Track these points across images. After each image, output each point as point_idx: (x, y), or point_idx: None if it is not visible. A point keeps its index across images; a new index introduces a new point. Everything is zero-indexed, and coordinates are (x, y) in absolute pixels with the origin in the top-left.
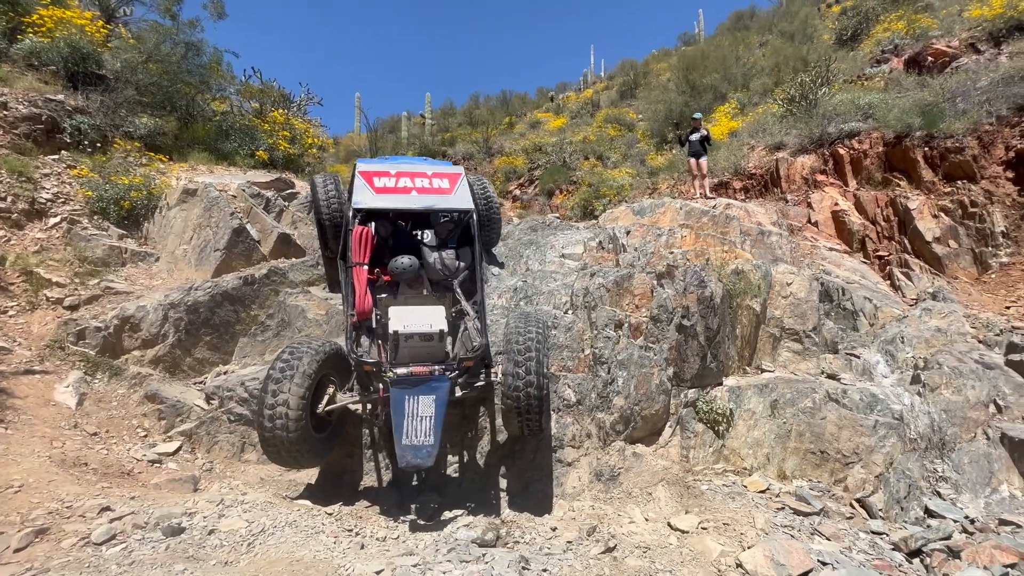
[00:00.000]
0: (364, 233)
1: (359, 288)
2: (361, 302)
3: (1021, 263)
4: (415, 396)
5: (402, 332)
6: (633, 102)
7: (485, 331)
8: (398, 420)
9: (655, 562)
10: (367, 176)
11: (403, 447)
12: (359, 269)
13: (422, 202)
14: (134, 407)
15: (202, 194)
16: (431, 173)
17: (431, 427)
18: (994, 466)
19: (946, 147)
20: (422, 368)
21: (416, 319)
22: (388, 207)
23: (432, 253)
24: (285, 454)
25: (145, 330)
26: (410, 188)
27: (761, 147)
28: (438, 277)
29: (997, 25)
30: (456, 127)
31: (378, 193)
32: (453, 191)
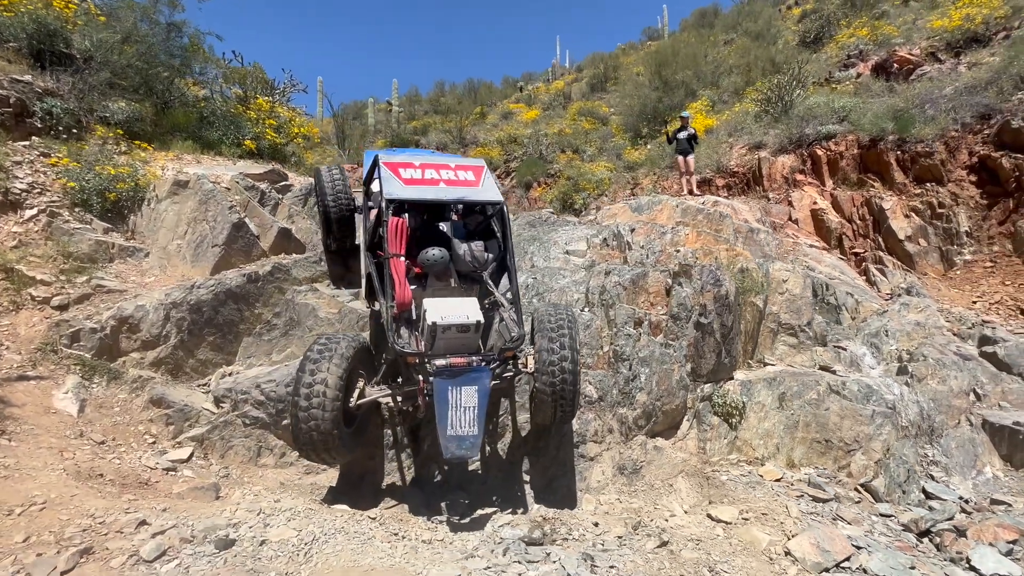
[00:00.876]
0: (400, 224)
1: (398, 279)
2: (401, 293)
3: (983, 261)
4: (458, 387)
5: (440, 324)
6: (604, 95)
7: (522, 322)
8: (442, 411)
9: (710, 553)
10: (392, 167)
11: (448, 438)
12: (397, 261)
13: (452, 194)
14: (139, 412)
15: (195, 186)
16: (454, 165)
17: (475, 418)
18: (978, 450)
19: (917, 151)
20: (460, 359)
21: (453, 310)
22: (420, 198)
23: (462, 245)
24: (318, 442)
25: (145, 331)
26: (438, 180)
27: (740, 146)
28: (467, 269)
29: (955, 36)
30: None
31: (407, 184)
32: (480, 183)
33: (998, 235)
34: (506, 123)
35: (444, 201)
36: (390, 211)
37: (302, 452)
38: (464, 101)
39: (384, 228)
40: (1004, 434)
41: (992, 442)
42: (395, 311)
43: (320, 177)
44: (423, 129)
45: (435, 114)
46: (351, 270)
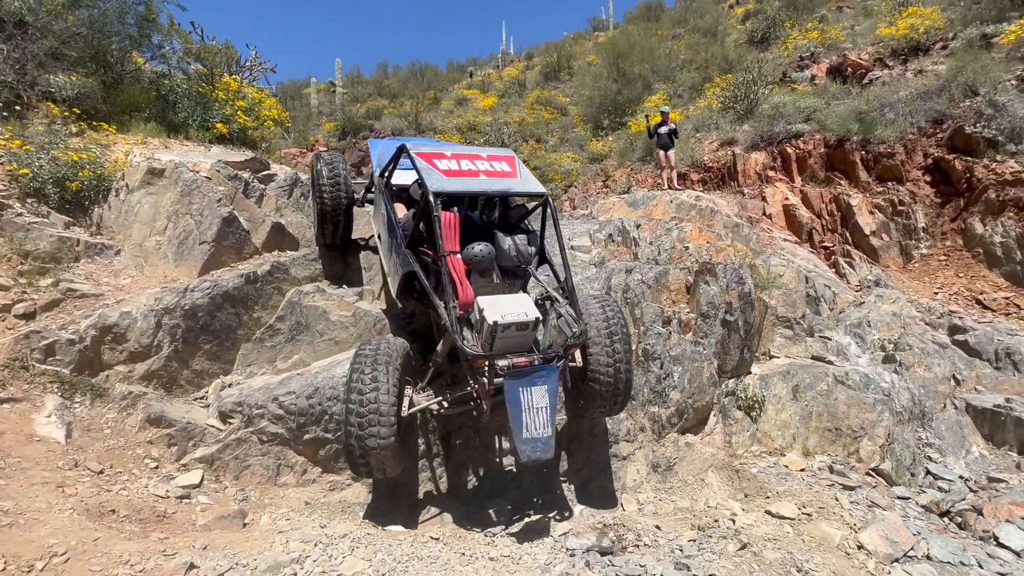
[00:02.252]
0: (453, 220)
1: (458, 278)
2: (464, 293)
3: (937, 255)
4: (528, 387)
5: (501, 323)
6: (559, 84)
7: (580, 316)
8: (516, 413)
9: (792, 552)
10: (426, 158)
11: (523, 441)
12: (455, 258)
13: (495, 185)
14: (134, 434)
15: (172, 175)
16: (486, 156)
17: (548, 418)
18: (964, 431)
19: (879, 151)
20: (522, 359)
21: (511, 308)
22: (465, 190)
23: (506, 239)
24: (380, 457)
25: (133, 341)
26: (477, 171)
27: (710, 141)
28: (511, 264)
29: (901, 44)
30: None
31: (448, 176)
32: (518, 174)
33: (950, 231)
34: (462, 109)
35: (490, 193)
36: (439, 205)
37: (358, 468)
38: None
39: (436, 224)
40: (986, 416)
41: (975, 424)
42: (459, 312)
43: (318, 166)
44: (375, 113)
45: (380, 97)
46: (351, 267)
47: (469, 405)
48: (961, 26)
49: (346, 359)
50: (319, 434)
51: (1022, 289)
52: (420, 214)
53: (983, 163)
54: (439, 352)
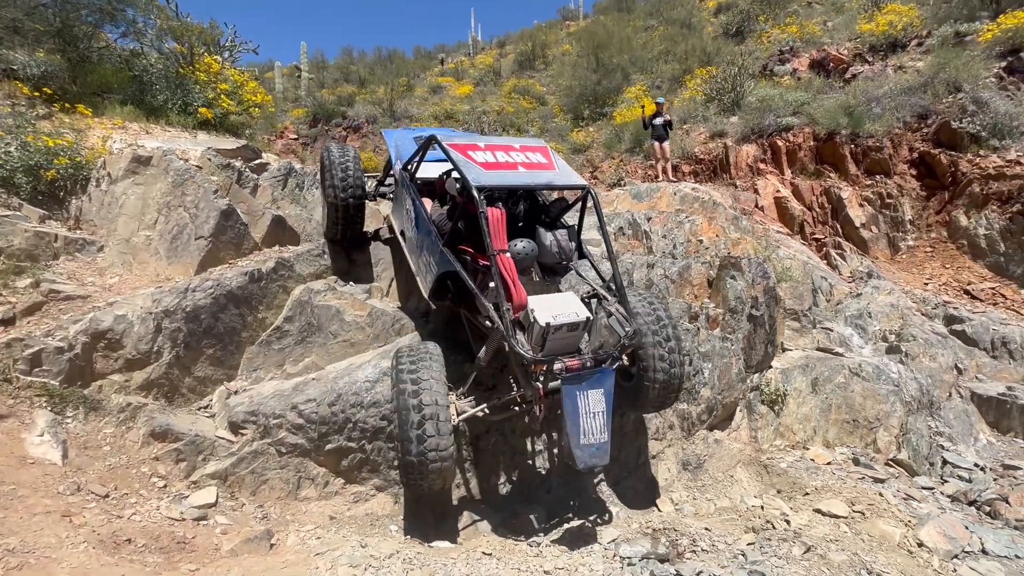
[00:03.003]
0: (500, 215)
1: (511, 278)
2: (519, 294)
3: (923, 246)
4: (584, 392)
5: (553, 324)
6: (535, 73)
7: (631, 315)
8: (573, 419)
9: (856, 553)
10: (460, 150)
11: (582, 447)
12: (505, 258)
13: (537, 178)
14: (136, 450)
15: (160, 164)
16: (519, 146)
17: (604, 422)
18: (971, 419)
19: (868, 145)
20: (574, 361)
21: (561, 308)
22: (508, 184)
23: (547, 235)
24: (440, 471)
25: (130, 347)
26: (515, 164)
27: (698, 133)
28: (552, 260)
29: (879, 40)
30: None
31: (487, 169)
32: (555, 165)
33: (935, 223)
34: (437, 97)
35: (532, 187)
36: (484, 201)
37: (413, 484)
38: (377, 70)
39: (483, 221)
40: (991, 404)
41: (980, 412)
42: (513, 315)
43: (330, 157)
44: (347, 99)
45: (346, 83)
46: (355, 263)
47: (513, 410)
48: (935, 24)
49: (365, 362)
50: (342, 443)
51: (1006, 279)
52: (460, 210)
53: (967, 158)
54: (483, 356)
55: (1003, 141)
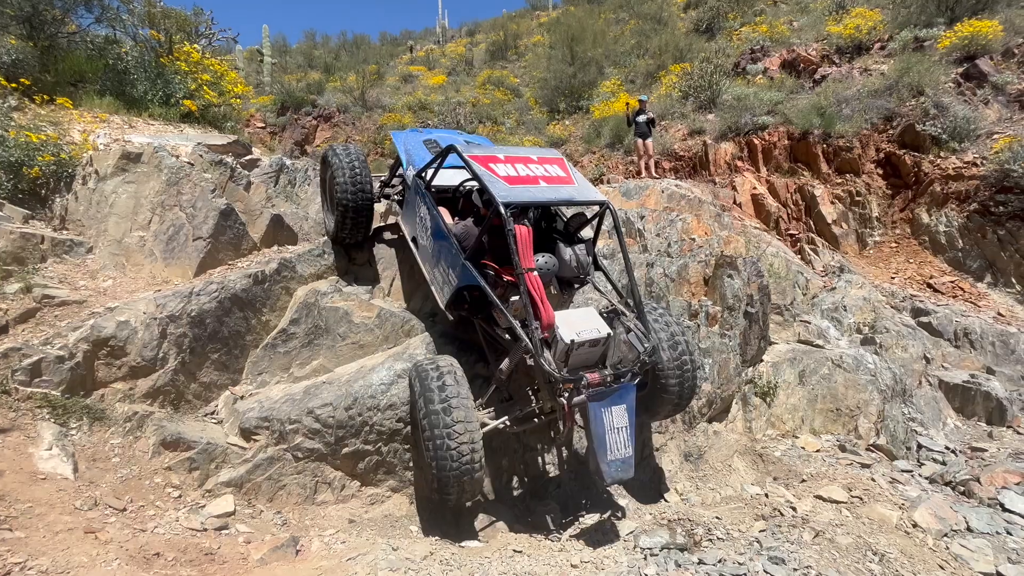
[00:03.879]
0: (527, 233)
1: (540, 297)
2: (547, 313)
3: (888, 242)
4: (608, 407)
5: (577, 340)
6: (507, 64)
7: (650, 329)
8: (600, 435)
9: (860, 536)
10: (482, 162)
11: (608, 463)
12: (533, 276)
13: (560, 194)
14: (147, 460)
15: (152, 160)
16: (536, 158)
17: (628, 437)
18: (940, 405)
19: (839, 145)
20: (595, 375)
21: (584, 325)
22: (533, 201)
23: (567, 250)
24: (473, 484)
25: (135, 354)
26: (536, 177)
27: (676, 130)
28: (571, 275)
29: (846, 42)
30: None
31: (511, 184)
32: (574, 179)
33: (900, 220)
34: (409, 86)
35: (555, 203)
36: (511, 219)
37: (450, 497)
38: (342, 56)
39: (511, 239)
40: (957, 391)
41: (947, 398)
42: (542, 333)
43: (335, 159)
44: (316, 87)
45: (310, 68)
46: (355, 262)
47: (533, 422)
48: (897, 28)
49: (378, 364)
50: (359, 446)
51: (963, 273)
52: (486, 225)
53: (929, 159)
54: (503, 370)
55: (962, 144)
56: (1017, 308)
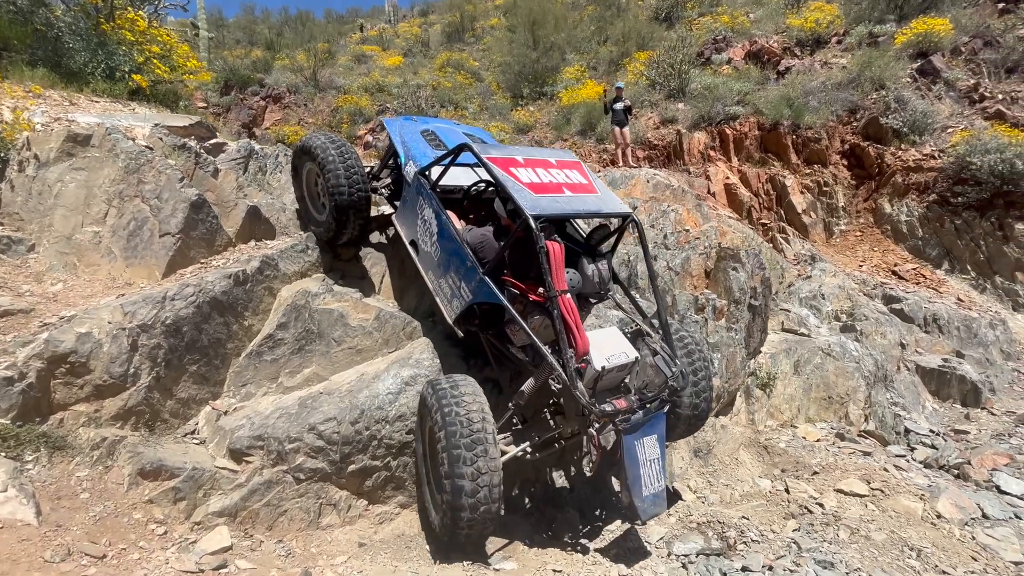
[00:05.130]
0: (560, 251)
1: (573, 321)
2: (583, 340)
3: (854, 231)
4: (640, 439)
5: (607, 367)
6: (465, 47)
7: (675, 352)
8: (634, 471)
9: (893, 531)
10: (503, 165)
11: (643, 499)
12: (568, 300)
13: (586, 204)
14: (122, 494)
15: (104, 144)
16: (555, 161)
17: (661, 469)
18: (918, 389)
19: (807, 136)
20: (622, 401)
21: (612, 349)
22: (563, 214)
23: (591, 266)
24: (492, 519)
25: (100, 371)
26: (560, 185)
27: (649, 118)
28: (592, 291)
29: (806, 35)
30: (234, 44)
31: (537, 194)
32: (596, 188)
33: (863, 210)
34: (363, 67)
35: (583, 216)
36: (543, 235)
37: (458, 535)
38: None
39: (544, 257)
40: (933, 375)
41: (923, 382)
42: (576, 361)
43: (324, 154)
44: (263, 65)
45: (250, 45)
46: (340, 258)
47: (553, 448)
48: (852, 24)
49: (381, 372)
50: (367, 462)
51: (924, 261)
52: (511, 239)
53: (890, 151)
54: (524, 393)
55: (922, 136)
56: (973, 293)
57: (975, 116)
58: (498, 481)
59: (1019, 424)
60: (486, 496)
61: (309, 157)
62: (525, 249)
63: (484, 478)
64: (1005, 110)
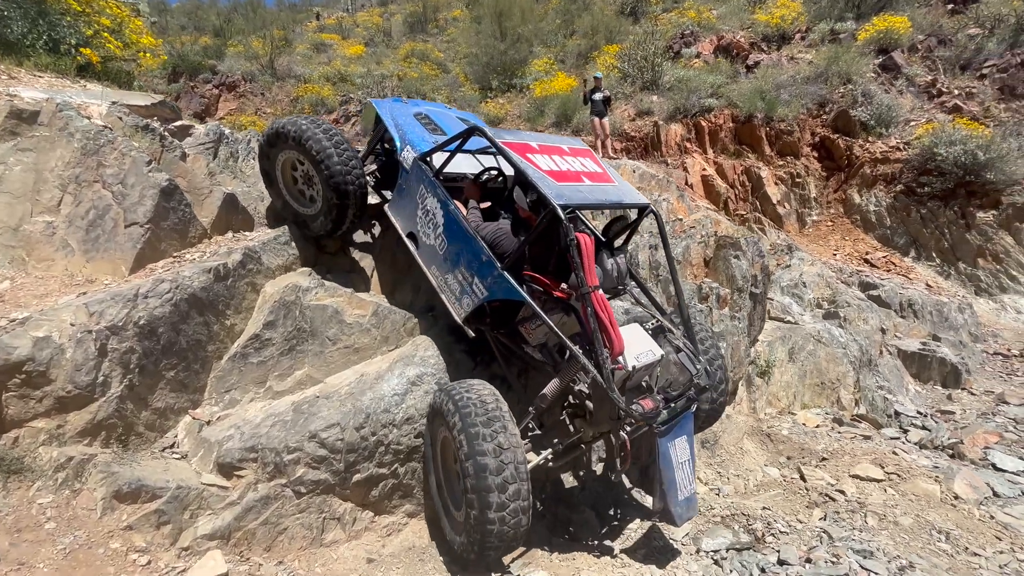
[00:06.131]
0: (591, 244)
1: (608, 319)
2: (618, 339)
3: (825, 221)
4: (672, 440)
5: (638, 367)
6: (428, 38)
7: (698, 349)
8: (669, 475)
9: (919, 515)
10: (520, 151)
11: (679, 503)
12: (601, 296)
13: (607, 195)
14: (96, 520)
15: (55, 122)
16: (568, 148)
17: (692, 470)
18: (901, 372)
19: (780, 128)
20: (648, 401)
21: (639, 347)
22: (590, 204)
23: (609, 260)
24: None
25: (63, 381)
26: (578, 174)
27: (624, 110)
28: (611, 286)
29: (771, 31)
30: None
31: (559, 182)
32: (612, 178)
33: (834, 200)
34: (323, 56)
35: (606, 206)
36: (571, 227)
37: (486, 556)
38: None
39: (575, 251)
40: (914, 358)
41: (904, 365)
42: (619, 365)
43: (313, 139)
44: (215, 51)
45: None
46: (325, 250)
47: (574, 454)
48: (814, 21)
49: (384, 371)
50: (373, 471)
51: (892, 249)
52: (535, 231)
53: (859, 143)
54: (547, 397)
55: (888, 129)
56: (939, 279)
57: (935, 110)
58: (527, 494)
59: (999, 403)
60: (516, 510)
61: (287, 145)
62: (546, 242)
63: (513, 488)
64: (962, 104)
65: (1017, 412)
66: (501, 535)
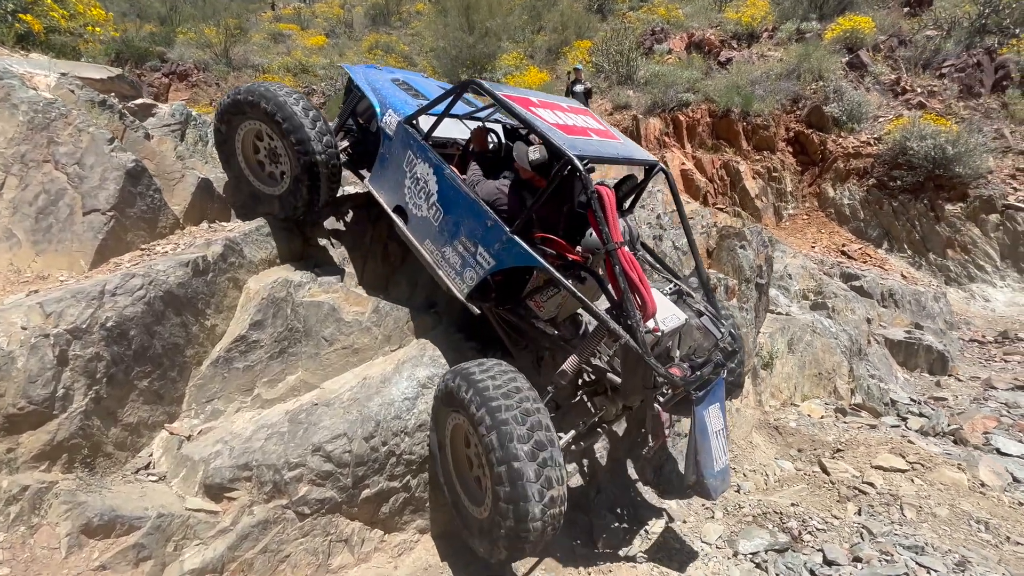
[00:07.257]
0: (613, 197)
1: (638, 277)
2: (651, 299)
3: (801, 215)
4: (707, 408)
5: (665, 331)
6: (392, 30)
7: (721, 315)
8: (704, 444)
9: (954, 506)
10: (523, 104)
11: (714, 475)
12: (628, 252)
13: (617, 150)
14: (59, 563)
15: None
16: (566, 107)
17: (726, 440)
18: (889, 361)
19: (757, 123)
20: (676, 370)
21: (663, 312)
22: (605, 156)
23: (621, 220)
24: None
25: (14, 395)
26: (584, 128)
27: (601, 103)
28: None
29: (742, 29)
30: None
31: (567, 135)
32: (617, 136)
33: (809, 194)
34: (282, 47)
35: (617, 161)
36: (590, 180)
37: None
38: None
39: (597, 204)
40: (900, 347)
41: (891, 354)
42: (651, 327)
43: (282, 108)
44: (164, 38)
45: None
46: (310, 243)
47: (596, 436)
48: (780, 20)
49: (390, 373)
50: (383, 485)
51: (866, 241)
52: (547, 188)
53: (832, 138)
54: (567, 373)
55: (859, 125)
56: (912, 270)
57: (901, 107)
58: (564, 484)
59: (987, 388)
60: (557, 505)
61: (251, 115)
62: (554, 202)
63: (551, 471)
64: (925, 102)
65: (1007, 396)
66: (540, 530)
